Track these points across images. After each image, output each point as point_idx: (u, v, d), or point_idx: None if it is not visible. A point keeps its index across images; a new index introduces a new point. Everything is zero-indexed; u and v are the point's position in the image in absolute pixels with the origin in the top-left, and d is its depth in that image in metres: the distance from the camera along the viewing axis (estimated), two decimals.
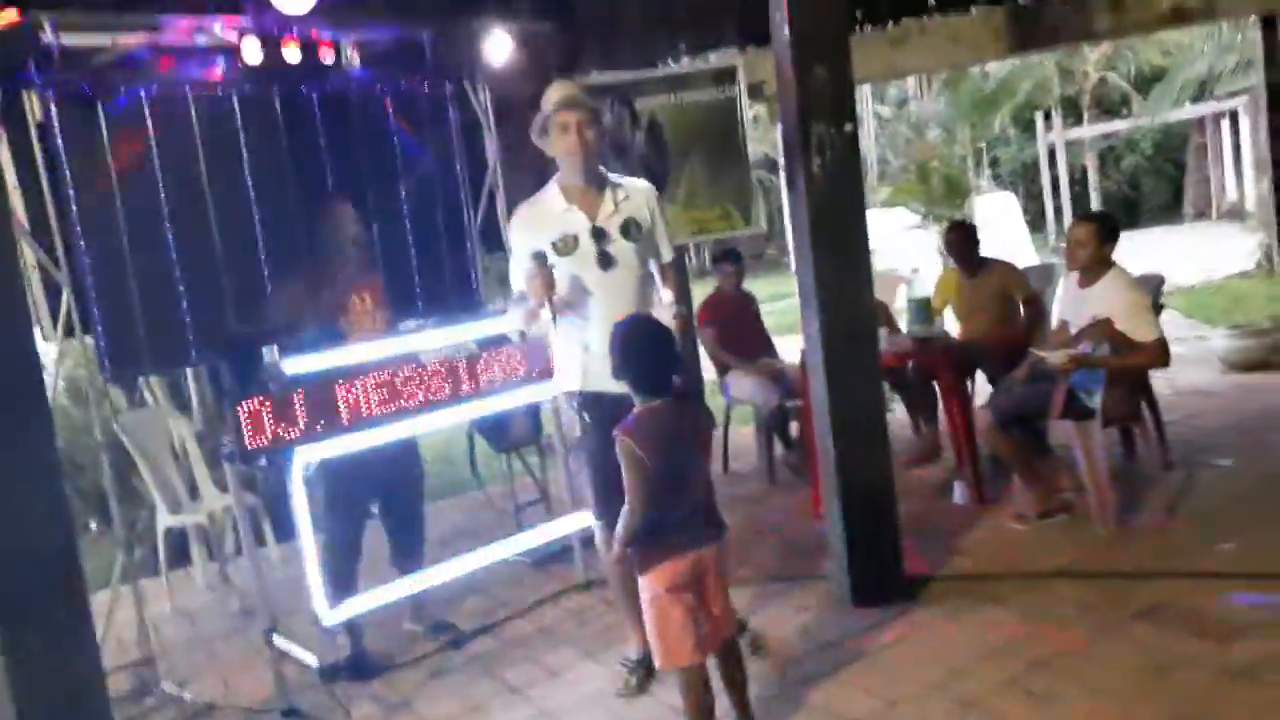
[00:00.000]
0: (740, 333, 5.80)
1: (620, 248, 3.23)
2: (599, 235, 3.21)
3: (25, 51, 3.82)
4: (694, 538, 2.72)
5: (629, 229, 3.25)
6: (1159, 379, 4.93)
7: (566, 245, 3.20)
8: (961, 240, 5.49)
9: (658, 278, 3.36)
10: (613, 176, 3.35)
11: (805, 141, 3.57)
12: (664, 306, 3.20)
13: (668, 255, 3.39)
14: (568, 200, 3.25)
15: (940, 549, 4.19)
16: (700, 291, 6.44)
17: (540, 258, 3.11)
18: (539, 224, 3.24)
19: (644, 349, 2.74)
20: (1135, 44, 18.85)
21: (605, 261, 3.20)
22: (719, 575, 2.78)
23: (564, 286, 3.18)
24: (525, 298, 3.20)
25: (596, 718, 3.26)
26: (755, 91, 6.80)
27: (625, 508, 2.68)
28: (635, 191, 3.33)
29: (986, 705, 2.96)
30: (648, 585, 2.72)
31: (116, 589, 4.07)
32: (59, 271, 3.90)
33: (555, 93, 3.21)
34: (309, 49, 4.49)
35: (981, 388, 5.31)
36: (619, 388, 2.83)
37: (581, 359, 3.23)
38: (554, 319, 3.15)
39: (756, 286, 6.75)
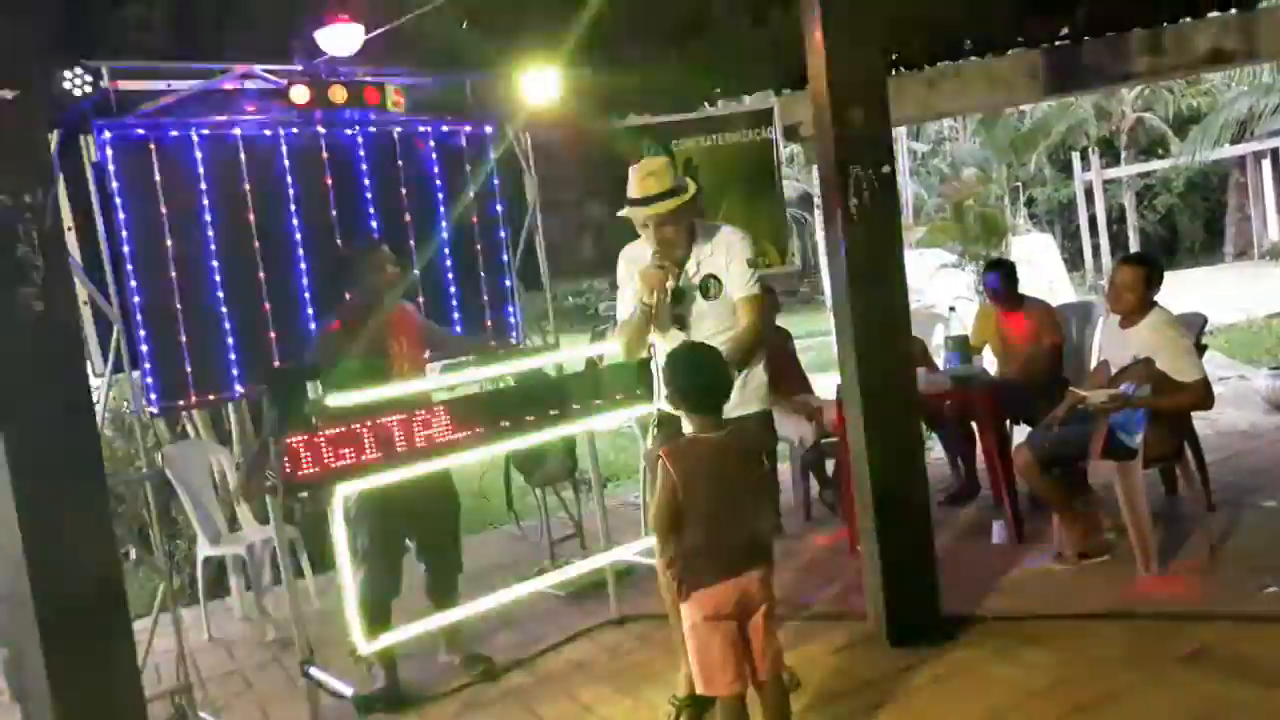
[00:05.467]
0: (776, 369, 5.78)
1: (698, 309, 3.38)
2: (679, 298, 3.36)
3: (82, 96, 3.95)
4: (735, 567, 2.71)
5: (708, 288, 3.38)
6: (1200, 419, 4.86)
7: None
8: (999, 278, 5.48)
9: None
10: (702, 230, 3.43)
11: (843, 183, 3.60)
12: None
13: (738, 293, 3.41)
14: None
15: (979, 589, 4.15)
16: None
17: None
18: (634, 273, 3.41)
19: (690, 373, 2.81)
20: (1173, 84, 18.79)
21: (680, 324, 3.38)
22: (764, 607, 2.76)
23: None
24: (627, 324, 3.42)
25: None
26: (791, 132, 6.83)
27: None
28: (719, 244, 3.42)
29: None
30: (688, 612, 2.73)
31: (156, 617, 4.12)
32: (110, 307, 4.00)
33: (636, 186, 3.30)
34: (354, 91, 4.60)
35: (1020, 426, 5.27)
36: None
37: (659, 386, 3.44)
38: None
39: (791, 323, 6.74)
